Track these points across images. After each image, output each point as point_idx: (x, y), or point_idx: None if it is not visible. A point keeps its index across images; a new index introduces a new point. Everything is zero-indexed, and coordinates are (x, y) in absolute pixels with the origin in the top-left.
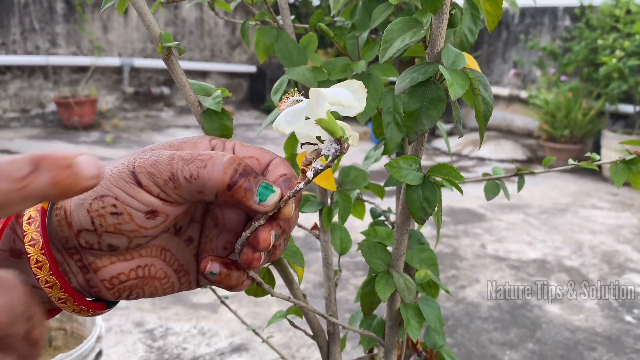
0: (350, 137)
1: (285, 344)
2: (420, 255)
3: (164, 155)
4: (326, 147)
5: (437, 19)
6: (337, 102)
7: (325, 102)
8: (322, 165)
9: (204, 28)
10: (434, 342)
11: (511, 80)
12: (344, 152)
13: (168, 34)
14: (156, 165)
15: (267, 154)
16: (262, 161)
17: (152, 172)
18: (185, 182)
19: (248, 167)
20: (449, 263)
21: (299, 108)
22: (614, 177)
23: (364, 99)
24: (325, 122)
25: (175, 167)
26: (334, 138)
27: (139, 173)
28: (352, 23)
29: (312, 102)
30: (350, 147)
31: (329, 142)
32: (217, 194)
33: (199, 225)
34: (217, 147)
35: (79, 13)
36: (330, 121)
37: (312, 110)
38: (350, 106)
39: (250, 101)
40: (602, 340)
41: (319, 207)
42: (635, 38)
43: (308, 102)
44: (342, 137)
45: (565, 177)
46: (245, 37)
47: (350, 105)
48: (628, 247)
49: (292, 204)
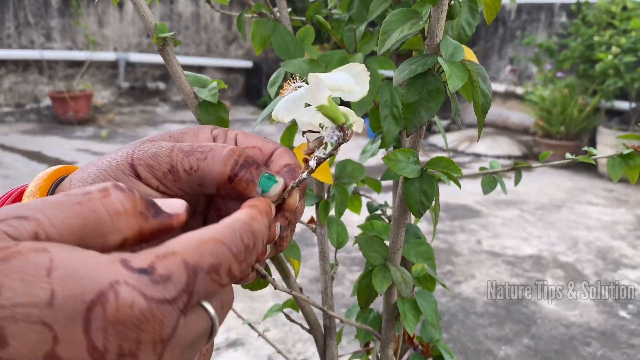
0: (355, 122)
1: (281, 339)
2: (417, 249)
3: (164, 147)
4: (328, 134)
5: (436, 10)
6: (337, 88)
7: (326, 88)
8: (325, 154)
9: (200, 23)
10: (431, 336)
11: (507, 77)
12: (347, 139)
13: (163, 25)
14: (155, 157)
15: (270, 143)
16: (265, 151)
17: (151, 164)
18: (185, 175)
19: (249, 158)
20: (445, 259)
21: (298, 95)
22: (611, 171)
23: (367, 83)
24: (327, 108)
25: (174, 159)
26: (336, 125)
27: (137, 165)
28: (350, 16)
29: (311, 88)
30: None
31: (332, 129)
32: (218, 186)
33: (201, 217)
34: (219, 137)
35: (74, 7)
36: (332, 107)
37: (313, 96)
38: (351, 91)
39: (247, 96)
40: (597, 335)
41: (315, 200)
42: (632, 35)
43: (307, 88)
44: (345, 124)
45: (560, 174)
46: (242, 29)
47: (351, 90)
48: (623, 243)
49: (297, 195)
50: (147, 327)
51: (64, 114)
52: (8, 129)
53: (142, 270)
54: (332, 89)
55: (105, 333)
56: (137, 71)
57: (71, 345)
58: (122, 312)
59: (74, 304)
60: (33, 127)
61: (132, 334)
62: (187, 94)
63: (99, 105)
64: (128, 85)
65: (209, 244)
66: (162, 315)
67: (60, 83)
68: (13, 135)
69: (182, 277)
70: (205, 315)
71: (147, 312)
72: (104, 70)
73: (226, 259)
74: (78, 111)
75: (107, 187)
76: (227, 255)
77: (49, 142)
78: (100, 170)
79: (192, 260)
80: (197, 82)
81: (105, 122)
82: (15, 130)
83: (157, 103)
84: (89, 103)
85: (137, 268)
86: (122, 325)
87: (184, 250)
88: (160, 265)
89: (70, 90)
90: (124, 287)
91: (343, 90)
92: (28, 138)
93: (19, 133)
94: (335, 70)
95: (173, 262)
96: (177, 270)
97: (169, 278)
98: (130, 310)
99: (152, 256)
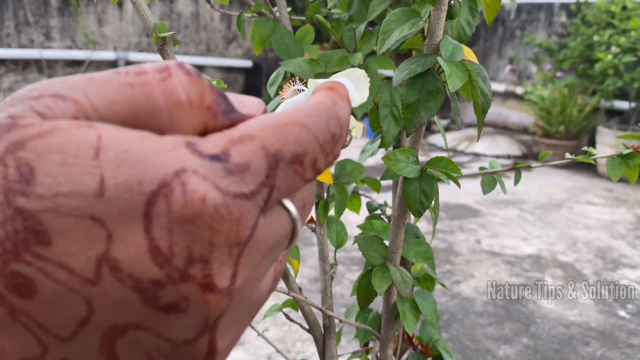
0: (354, 128)
1: (280, 339)
2: (417, 248)
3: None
4: None
5: (435, 10)
6: None
7: None
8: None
9: (200, 22)
10: (430, 336)
11: (507, 76)
12: (347, 145)
13: (163, 24)
14: None
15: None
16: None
17: None
18: None
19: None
20: (444, 258)
21: (297, 100)
22: (610, 171)
23: (367, 89)
24: None
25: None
26: None
27: None
28: (349, 15)
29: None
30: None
31: None
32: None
33: None
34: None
35: (74, 6)
36: None
37: None
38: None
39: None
40: (596, 335)
41: (314, 200)
42: (631, 34)
43: (307, 93)
44: None
45: (560, 173)
46: (242, 29)
47: (351, 97)
48: (622, 242)
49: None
50: (222, 226)
51: None
52: None
53: (215, 157)
54: None
55: (170, 233)
56: None
57: (129, 247)
58: (192, 207)
59: (130, 196)
60: None
61: (204, 235)
62: None
63: None
64: None
65: (292, 128)
66: (239, 213)
67: None
68: None
69: (262, 167)
70: (286, 215)
71: (222, 209)
72: (104, 70)
73: (312, 148)
74: None
75: (169, 67)
76: (314, 144)
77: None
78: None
79: (274, 146)
80: None
81: None
82: None
83: None
84: None
85: (208, 154)
86: (191, 224)
87: (264, 134)
88: (235, 151)
89: None
90: (192, 176)
91: None
92: None
93: None
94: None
95: (251, 148)
96: (257, 158)
97: (247, 167)
98: (201, 206)
99: (225, 140)
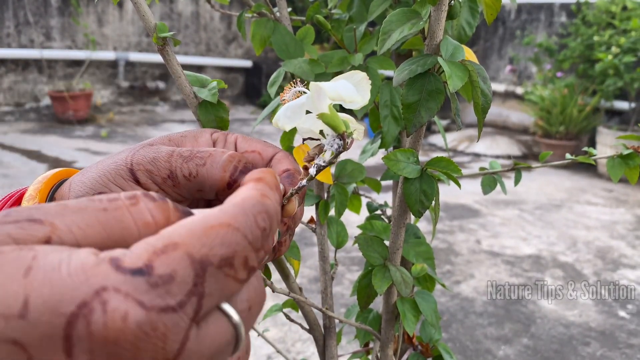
0: (355, 130)
1: (280, 339)
2: (417, 249)
3: (163, 151)
4: (329, 142)
5: (436, 10)
6: (338, 97)
7: (327, 97)
8: (325, 162)
9: (200, 22)
10: (430, 336)
11: (507, 76)
12: (348, 147)
13: (163, 24)
14: (154, 162)
15: (270, 147)
16: (265, 155)
17: (150, 169)
18: (185, 181)
19: (248, 164)
20: (444, 258)
21: (299, 103)
22: (610, 172)
23: (368, 92)
24: (328, 117)
25: (174, 164)
26: (336, 133)
27: (136, 170)
28: (350, 16)
29: (312, 97)
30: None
31: (332, 137)
32: (217, 192)
33: None
34: (219, 141)
35: (74, 6)
36: (333, 116)
37: (314, 104)
38: (352, 100)
39: (246, 96)
40: (596, 335)
41: (315, 200)
42: (631, 34)
43: (308, 96)
44: (346, 132)
45: (560, 173)
46: (242, 29)
47: (352, 99)
48: (622, 242)
49: (296, 201)
50: (147, 344)
51: (63, 113)
52: (7, 128)
53: (137, 271)
54: (333, 98)
55: (92, 355)
56: (137, 70)
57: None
58: (113, 327)
59: (50, 318)
60: (32, 126)
61: (128, 355)
62: (186, 94)
63: (98, 105)
64: (128, 84)
65: (219, 230)
66: (165, 327)
67: (59, 82)
68: (12, 134)
69: (188, 276)
70: (225, 321)
71: (145, 325)
72: (104, 70)
73: (241, 248)
74: (78, 110)
75: (137, 195)
76: (243, 243)
77: (48, 142)
78: (100, 174)
79: (199, 252)
80: (196, 81)
81: (104, 121)
82: (15, 130)
83: (156, 102)
84: (88, 102)
85: (129, 269)
86: (113, 345)
87: (188, 241)
88: (159, 262)
89: (69, 90)
90: (113, 294)
91: (344, 99)
92: (27, 137)
93: (18, 132)
94: (336, 78)
95: (175, 257)
96: (182, 267)
97: (172, 278)
98: (123, 325)
99: (148, 252)
